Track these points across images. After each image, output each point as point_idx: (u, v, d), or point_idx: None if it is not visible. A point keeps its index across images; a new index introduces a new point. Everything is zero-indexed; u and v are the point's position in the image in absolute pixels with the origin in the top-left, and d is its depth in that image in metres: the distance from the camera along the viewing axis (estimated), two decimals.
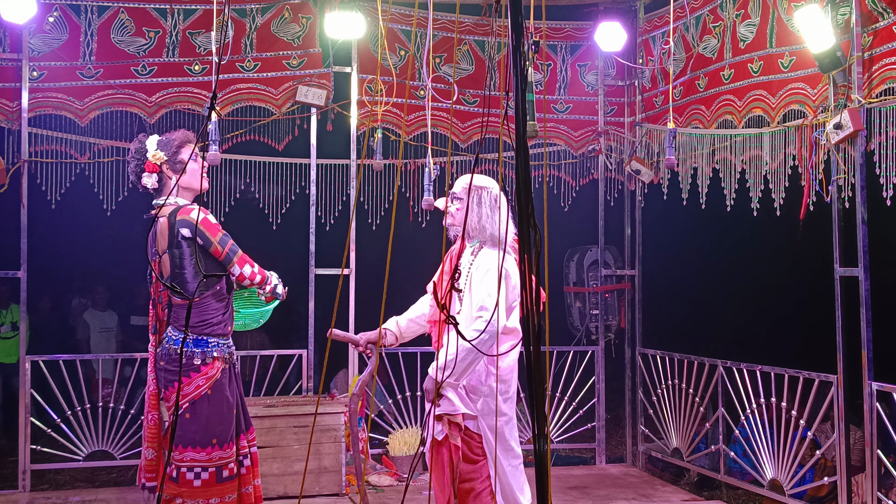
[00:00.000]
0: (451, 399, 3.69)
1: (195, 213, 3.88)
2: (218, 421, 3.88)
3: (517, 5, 2.05)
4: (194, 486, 3.81)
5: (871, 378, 4.75)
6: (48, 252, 7.85)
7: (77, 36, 6.07)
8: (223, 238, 3.92)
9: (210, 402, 3.87)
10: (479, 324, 3.56)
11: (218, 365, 3.93)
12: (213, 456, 3.84)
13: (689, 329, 8.58)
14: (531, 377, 1.98)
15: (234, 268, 3.94)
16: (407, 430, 6.67)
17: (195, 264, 3.87)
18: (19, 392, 6.00)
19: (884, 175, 4.61)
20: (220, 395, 3.90)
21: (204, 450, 3.83)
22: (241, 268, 3.95)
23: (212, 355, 3.91)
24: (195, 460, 3.81)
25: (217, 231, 3.91)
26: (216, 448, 3.86)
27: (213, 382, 3.89)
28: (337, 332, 3.87)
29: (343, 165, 6.64)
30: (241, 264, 3.96)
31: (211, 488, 3.82)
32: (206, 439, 3.84)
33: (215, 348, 3.93)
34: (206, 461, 3.83)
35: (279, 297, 4.20)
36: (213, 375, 3.90)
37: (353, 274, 6.38)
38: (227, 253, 3.91)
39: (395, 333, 4.04)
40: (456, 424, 3.67)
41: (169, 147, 3.99)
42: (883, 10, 4.59)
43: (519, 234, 2.01)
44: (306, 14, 6.44)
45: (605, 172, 7.07)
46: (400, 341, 4.10)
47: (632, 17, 6.83)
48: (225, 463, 3.88)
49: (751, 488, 5.84)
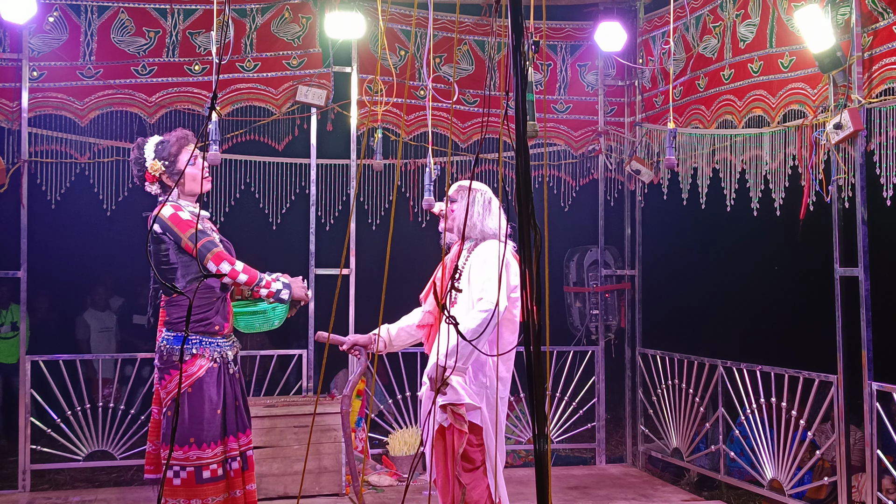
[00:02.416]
0: (455, 388, 3.70)
1: (166, 209, 3.83)
2: (196, 420, 3.79)
3: (517, 5, 2.05)
4: (174, 485, 3.76)
5: (871, 378, 4.75)
6: (48, 252, 7.85)
7: (77, 36, 6.07)
8: (195, 234, 3.78)
9: (189, 400, 3.79)
10: (483, 304, 3.59)
11: (201, 363, 3.83)
12: (189, 455, 3.77)
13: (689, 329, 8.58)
14: (531, 377, 1.98)
15: (210, 265, 3.79)
16: (407, 430, 6.67)
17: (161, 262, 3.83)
18: (19, 392, 6.00)
19: (884, 175, 4.61)
20: (201, 395, 3.81)
21: (181, 448, 3.76)
22: (218, 265, 3.79)
23: (191, 352, 3.82)
24: (174, 458, 3.76)
25: (188, 227, 3.81)
26: (193, 447, 3.77)
27: (193, 380, 3.80)
28: (322, 334, 3.84)
29: (343, 165, 6.64)
30: (217, 262, 3.80)
31: (191, 488, 3.76)
32: (184, 438, 3.76)
33: (196, 346, 3.83)
34: (182, 460, 3.76)
35: (284, 301, 4.00)
36: (193, 373, 3.81)
37: (353, 274, 6.38)
38: (199, 249, 3.77)
39: (384, 340, 4.03)
40: (460, 415, 3.69)
41: (166, 155, 3.95)
42: (883, 10, 4.59)
43: (519, 234, 2.01)
44: (306, 14, 6.44)
45: (605, 172, 7.07)
46: (389, 349, 4.10)
47: (632, 17, 6.83)
48: (205, 463, 3.79)
49: (751, 488, 5.84)
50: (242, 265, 3.87)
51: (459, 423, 3.69)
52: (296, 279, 4.07)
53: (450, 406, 3.69)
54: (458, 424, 3.69)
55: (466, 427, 3.69)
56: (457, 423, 3.69)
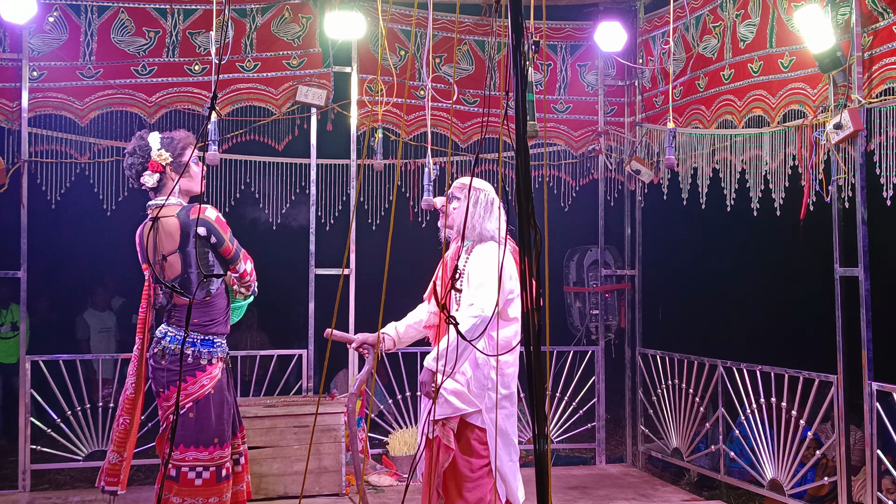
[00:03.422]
0: (450, 401, 3.70)
1: (210, 212, 3.93)
2: (219, 420, 3.90)
3: (517, 5, 2.05)
4: (195, 486, 3.82)
5: (871, 378, 4.75)
6: (48, 252, 7.86)
7: (77, 36, 6.07)
8: (232, 236, 3.99)
9: (213, 402, 3.90)
10: (472, 310, 3.59)
11: (220, 365, 3.97)
12: (214, 455, 3.87)
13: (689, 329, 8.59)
14: (531, 377, 1.98)
15: (240, 265, 3.99)
16: (407, 430, 6.67)
17: (203, 263, 3.88)
18: (19, 392, 6.00)
19: (884, 175, 4.61)
20: (222, 395, 3.94)
21: (206, 449, 3.85)
22: (245, 264, 4.01)
23: (217, 355, 3.96)
24: (198, 460, 3.83)
25: (227, 229, 3.98)
26: (217, 447, 3.88)
27: (216, 382, 3.91)
28: (333, 331, 3.88)
29: (343, 165, 6.64)
30: (245, 261, 4.02)
31: (211, 487, 3.84)
32: (209, 439, 3.86)
33: (219, 348, 3.98)
34: (207, 460, 3.84)
35: (255, 294, 4.20)
36: (216, 375, 3.93)
37: (353, 274, 6.38)
38: (235, 250, 3.97)
39: (393, 338, 4.05)
40: (450, 429, 3.70)
41: (174, 148, 3.99)
42: (883, 10, 4.59)
43: (519, 234, 2.01)
44: (306, 14, 6.44)
45: (605, 172, 7.07)
46: (398, 346, 4.12)
47: (632, 17, 6.83)
48: (223, 462, 3.91)
49: (751, 488, 5.84)
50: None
51: (447, 438, 3.69)
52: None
53: (441, 421, 3.70)
54: (446, 440, 3.69)
55: (453, 444, 3.69)
56: (444, 439, 3.70)
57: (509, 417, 3.85)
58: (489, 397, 3.76)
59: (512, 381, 3.86)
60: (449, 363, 3.45)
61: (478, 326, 3.53)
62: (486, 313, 3.55)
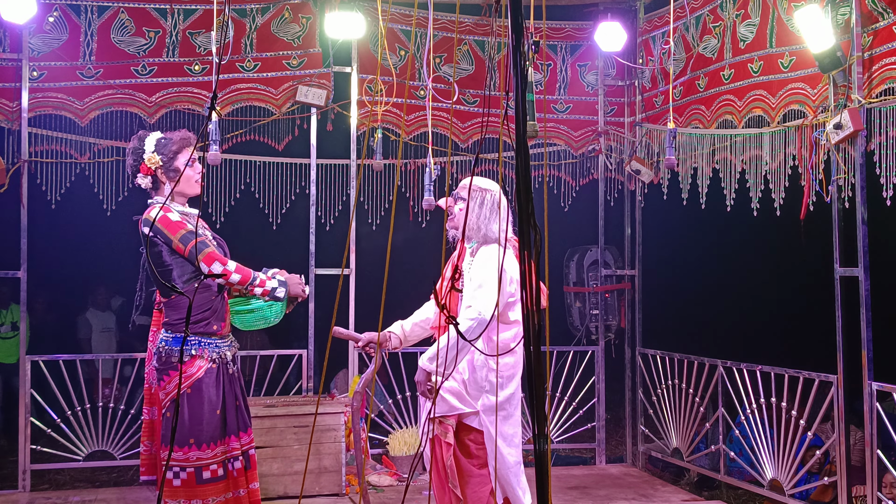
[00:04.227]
0: (447, 399, 3.70)
1: (154, 212, 3.85)
2: (196, 421, 3.79)
3: (517, 5, 2.05)
4: (174, 486, 3.76)
5: (871, 378, 4.75)
6: (48, 252, 7.85)
7: (77, 36, 6.07)
8: (186, 235, 3.80)
9: (188, 401, 3.80)
10: (470, 312, 3.58)
11: (200, 364, 3.83)
12: (189, 456, 3.77)
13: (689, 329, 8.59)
14: (531, 377, 1.98)
15: (202, 266, 3.80)
16: (407, 430, 6.67)
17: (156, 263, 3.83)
18: (19, 392, 6.00)
19: (884, 175, 4.61)
20: (200, 396, 3.81)
21: (181, 449, 3.76)
22: (210, 266, 3.80)
23: (189, 353, 3.82)
24: (174, 459, 3.76)
25: (178, 228, 3.81)
26: (193, 448, 3.78)
27: (192, 381, 3.81)
28: (340, 329, 3.91)
29: (343, 165, 6.64)
30: (209, 262, 3.80)
31: (192, 489, 3.76)
32: (183, 439, 3.77)
33: (195, 347, 3.84)
34: (182, 461, 3.77)
35: (279, 299, 3.99)
36: (192, 374, 3.81)
37: (353, 274, 6.38)
38: (189, 250, 3.80)
39: (399, 337, 4.04)
40: (449, 426, 3.70)
41: (166, 151, 3.96)
42: (883, 10, 4.59)
43: (519, 234, 2.01)
44: (306, 14, 6.44)
45: (605, 172, 7.06)
46: (404, 345, 4.10)
47: (632, 17, 6.83)
48: (205, 464, 3.79)
49: (751, 488, 5.84)
50: (235, 265, 3.87)
51: (444, 435, 3.70)
52: (293, 276, 4.07)
53: (438, 419, 3.70)
54: (444, 437, 3.70)
55: (452, 440, 3.70)
56: (442, 436, 3.70)
57: (507, 419, 3.83)
58: (487, 399, 3.75)
59: (512, 382, 3.85)
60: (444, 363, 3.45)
61: (475, 328, 3.52)
62: (485, 315, 3.54)
